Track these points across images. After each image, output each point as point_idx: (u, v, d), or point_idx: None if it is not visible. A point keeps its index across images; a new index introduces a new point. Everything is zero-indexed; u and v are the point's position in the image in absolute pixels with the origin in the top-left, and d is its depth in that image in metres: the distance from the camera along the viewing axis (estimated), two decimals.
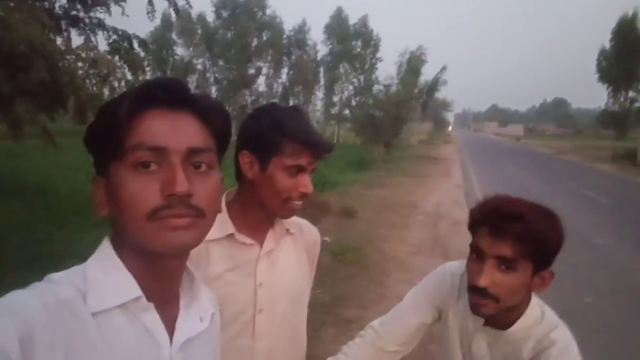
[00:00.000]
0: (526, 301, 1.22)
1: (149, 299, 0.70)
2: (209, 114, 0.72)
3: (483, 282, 1.13)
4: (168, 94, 0.68)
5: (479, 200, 1.23)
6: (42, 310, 0.58)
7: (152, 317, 0.70)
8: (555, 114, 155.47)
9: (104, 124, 0.67)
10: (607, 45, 30.77)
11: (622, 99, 31.49)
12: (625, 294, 5.63)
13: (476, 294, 1.16)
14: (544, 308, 1.25)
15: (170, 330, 0.73)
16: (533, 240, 1.10)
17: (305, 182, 1.20)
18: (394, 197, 12.28)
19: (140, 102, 0.67)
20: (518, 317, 1.21)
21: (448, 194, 13.35)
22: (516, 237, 1.11)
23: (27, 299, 0.59)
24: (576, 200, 12.13)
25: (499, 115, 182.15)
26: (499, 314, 1.22)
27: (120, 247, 0.70)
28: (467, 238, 1.23)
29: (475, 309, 1.18)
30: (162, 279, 0.73)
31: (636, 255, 7.30)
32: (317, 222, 7.68)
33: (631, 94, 30.88)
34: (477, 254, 1.18)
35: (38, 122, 6.87)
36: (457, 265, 1.39)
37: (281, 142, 1.18)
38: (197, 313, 0.80)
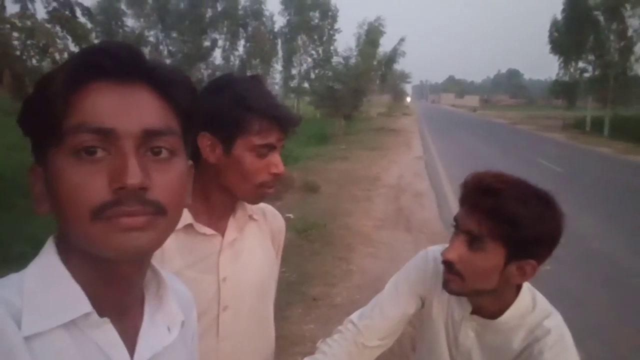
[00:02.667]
0: (513, 288, 1.15)
1: (102, 311, 0.58)
2: (170, 86, 0.58)
3: (447, 254, 1.08)
4: (116, 62, 0.55)
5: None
6: None
7: (106, 334, 0.58)
8: (509, 85, 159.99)
9: (38, 101, 0.54)
10: (559, 16, 31.55)
11: (572, 70, 32.45)
12: (581, 259, 5.81)
13: (445, 268, 1.11)
14: (536, 295, 1.18)
15: (132, 345, 0.61)
16: (503, 220, 1.01)
17: (277, 162, 1.07)
18: (356, 170, 12.28)
19: (81, 72, 0.54)
20: (508, 306, 1.14)
21: (409, 166, 13.49)
22: (486, 213, 1.03)
23: None
24: (530, 169, 12.47)
25: (456, 87, 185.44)
26: (483, 302, 1.16)
27: (66, 250, 0.58)
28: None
29: (444, 284, 1.13)
30: (118, 286, 0.61)
31: (591, 221, 7.56)
32: (279, 198, 7.55)
33: (581, 64, 31.79)
34: (455, 227, 1.12)
35: None
36: (439, 250, 1.29)
37: (247, 119, 1.03)
38: (163, 322, 0.66)
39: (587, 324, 4.05)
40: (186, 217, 1.08)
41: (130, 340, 0.61)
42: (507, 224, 1.01)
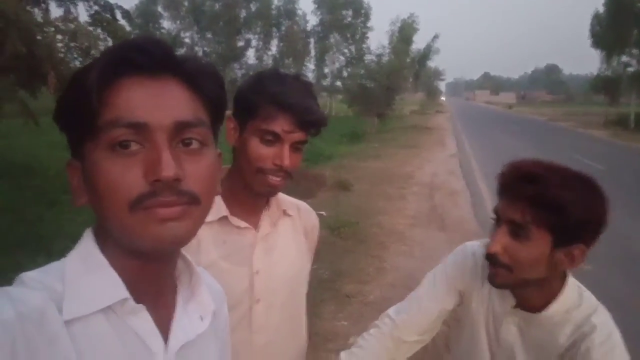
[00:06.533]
0: (559, 280, 1.12)
1: (138, 298, 0.60)
2: (198, 79, 0.60)
3: (492, 247, 1.06)
4: (147, 57, 0.56)
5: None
6: None
7: (142, 321, 0.60)
8: (547, 81, 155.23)
9: (73, 97, 0.56)
10: (601, 9, 30.38)
11: (615, 64, 31.17)
12: (624, 260, 5.60)
13: (489, 262, 1.08)
14: (582, 289, 1.14)
15: (166, 333, 0.63)
16: (548, 207, 0.99)
17: (281, 154, 1.05)
18: (389, 168, 12.19)
19: (113, 68, 0.55)
20: (553, 298, 1.11)
21: (443, 164, 13.29)
22: (528, 200, 1.00)
23: None
24: (569, 165, 12.06)
25: (491, 83, 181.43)
26: (527, 293, 1.13)
27: (103, 239, 0.61)
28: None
29: (490, 278, 1.11)
30: (153, 275, 0.63)
31: (633, 221, 7.27)
32: (312, 195, 7.58)
33: (624, 58, 30.47)
34: (495, 220, 1.09)
35: (18, 99, 6.59)
36: (478, 245, 1.28)
37: (256, 103, 1.05)
38: (196, 311, 0.68)
39: (628, 326, 3.90)
40: (221, 209, 1.10)
41: (164, 328, 0.63)
42: (551, 209, 0.99)
